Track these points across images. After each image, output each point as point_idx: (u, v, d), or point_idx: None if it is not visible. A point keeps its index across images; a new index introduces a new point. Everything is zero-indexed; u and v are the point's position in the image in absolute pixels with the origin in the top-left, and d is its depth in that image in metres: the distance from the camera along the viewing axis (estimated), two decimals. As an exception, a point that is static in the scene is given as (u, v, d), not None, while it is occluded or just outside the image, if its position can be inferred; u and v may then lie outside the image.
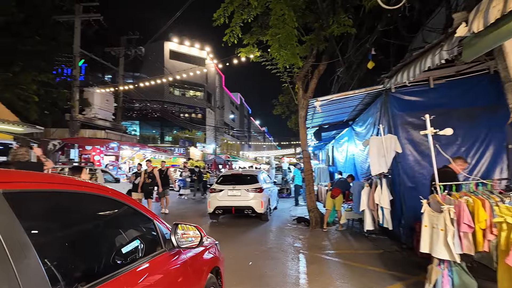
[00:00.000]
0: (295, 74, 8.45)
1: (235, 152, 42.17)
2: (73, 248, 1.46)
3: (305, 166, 8.48)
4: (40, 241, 1.17)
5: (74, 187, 1.51)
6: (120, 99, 19.77)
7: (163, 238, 1.96)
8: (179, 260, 2.02)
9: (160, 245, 1.93)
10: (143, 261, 1.73)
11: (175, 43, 36.67)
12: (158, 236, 1.93)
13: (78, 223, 1.56)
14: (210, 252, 2.66)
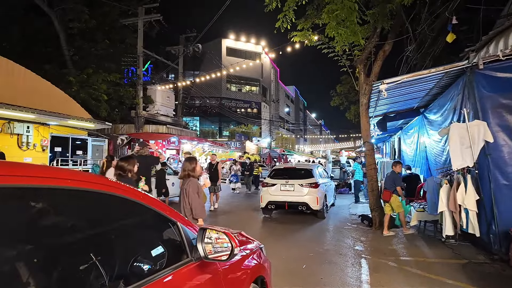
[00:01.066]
0: (355, 57, 7.58)
1: (290, 146, 41.48)
2: (79, 257, 1.16)
3: (367, 159, 7.60)
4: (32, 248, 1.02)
5: (76, 183, 1.21)
6: (180, 96, 20.60)
7: (190, 245, 1.59)
8: (209, 271, 1.64)
9: (186, 253, 1.57)
10: (165, 273, 1.38)
11: (231, 39, 37.30)
12: (183, 243, 1.57)
13: (85, 227, 1.27)
14: (252, 259, 2.25)
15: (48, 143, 12.72)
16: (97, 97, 15.13)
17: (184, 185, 3.90)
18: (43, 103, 11.66)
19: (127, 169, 3.87)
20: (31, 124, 11.78)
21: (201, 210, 3.79)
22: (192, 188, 3.80)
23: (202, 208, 3.82)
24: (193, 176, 3.90)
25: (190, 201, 3.77)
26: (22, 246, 1.01)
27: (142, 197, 1.48)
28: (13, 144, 11.47)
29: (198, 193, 3.81)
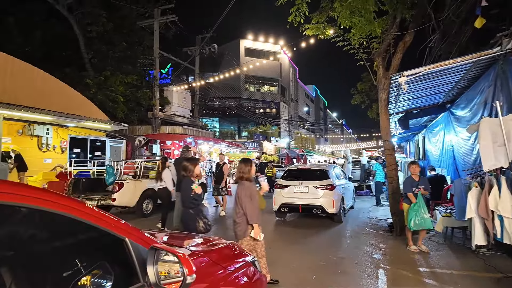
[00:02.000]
0: (373, 49, 7.06)
1: (310, 146, 40.72)
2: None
3: (387, 159, 7.06)
4: None
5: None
6: (196, 97, 20.59)
7: (143, 267, 1.28)
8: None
9: (138, 277, 1.27)
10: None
11: (249, 40, 37.15)
12: (134, 265, 1.27)
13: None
14: (239, 279, 1.91)
15: (67, 144, 12.95)
16: (114, 98, 15.32)
17: (237, 189, 3.81)
18: (62, 105, 11.88)
19: (189, 169, 3.94)
20: (51, 126, 12.05)
21: (255, 215, 3.63)
22: (244, 192, 3.68)
23: (255, 213, 3.64)
24: (247, 179, 3.76)
25: (243, 205, 3.64)
26: None
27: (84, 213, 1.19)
28: (33, 145, 11.77)
29: (251, 196, 3.66)
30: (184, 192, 3.87)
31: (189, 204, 3.81)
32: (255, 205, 3.67)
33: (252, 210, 3.59)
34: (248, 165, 3.86)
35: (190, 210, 3.82)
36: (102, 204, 8.09)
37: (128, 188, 8.25)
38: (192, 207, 3.80)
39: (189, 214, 3.83)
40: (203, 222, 3.83)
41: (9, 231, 1.10)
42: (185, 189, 3.86)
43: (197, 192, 3.78)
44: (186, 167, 3.98)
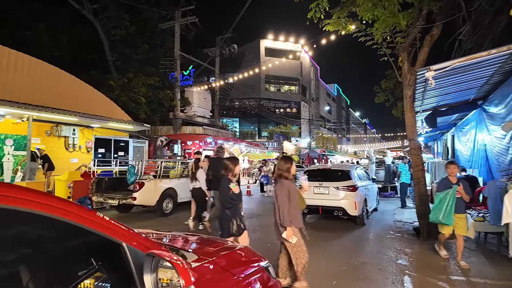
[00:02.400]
0: (398, 44, 6.73)
1: (332, 146, 39.95)
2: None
3: (413, 159, 6.70)
4: None
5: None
6: (216, 97, 20.71)
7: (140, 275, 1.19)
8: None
9: (135, 285, 1.18)
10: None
11: (269, 40, 37.01)
12: (131, 272, 1.18)
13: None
14: (251, 285, 1.79)
15: (92, 144, 13.39)
16: (136, 100, 15.68)
17: (275, 188, 3.66)
18: (87, 106, 12.28)
19: (230, 168, 3.82)
20: (77, 127, 12.47)
21: (289, 218, 3.45)
22: (281, 191, 3.54)
23: (290, 215, 3.46)
24: (286, 177, 3.61)
25: (278, 204, 3.52)
26: None
27: (80, 216, 1.11)
28: (60, 146, 12.24)
29: (290, 196, 3.50)
30: (222, 191, 3.78)
31: (226, 204, 3.70)
32: (294, 206, 3.52)
33: (286, 210, 3.45)
34: (288, 162, 3.69)
35: (227, 211, 3.71)
36: (123, 203, 8.25)
37: (149, 188, 8.35)
38: (230, 207, 3.69)
39: (225, 214, 3.73)
40: (237, 224, 3.69)
41: (2, 234, 1.04)
42: (223, 188, 3.75)
43: (234, 192, 3.67)
44: (227, 166, 3.85)
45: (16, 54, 10.17)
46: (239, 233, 3.69)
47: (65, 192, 9.41)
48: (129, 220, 8.17)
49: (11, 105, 9.12)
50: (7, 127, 10.57)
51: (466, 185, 4.72)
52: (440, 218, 4.65)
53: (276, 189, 3.59)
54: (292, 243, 3.51)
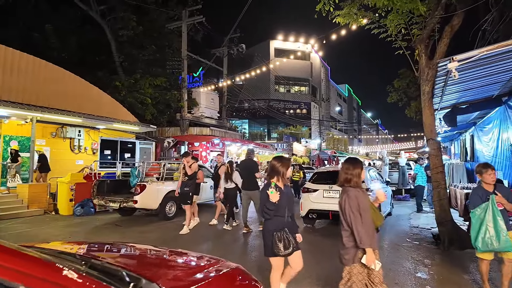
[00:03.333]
0: (414, 36, 6.22)
1: (343, 147, 39.18)
2: None
3: (431, 161, 6.17)
4: None
5: None
6: (224, 98, 20.42)
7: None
8: None
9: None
10: None
11: (279, 40, 36.64)
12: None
13: None
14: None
15: (98, 146, 13.25)
16: (142, 101, 15.51)
17: (341, 199, 2.81)
18: (92, 107, 12.12)
19: (278, 171, 3.10)
20: (82, 128, 12.33)
21: (367, 236, 2.62)
22: (350, 203, 2.69)
23: (368, 232, 2.64)
24: (354, 186, 2.77)
25: (349, 222, 2.69)
26: None
27: None
28: (66, 147, 12.11)
29: (361, 210, 2.67)
30: (261, 197, 3.08)
31: (262, 213, 3.06)
32: (367, 222, 2.68)
33: (362, 228, 2.63)
34: (356, 166, 2.83)
35: (267, 222, 3.07)
36: (124, 206, 7.96)
37: (150, 190, 8.03)
38: (267, 218, 3.03)
39: (264, 227, 3.11)
40: (284, 241, 2.94)
41: None
42: (262, 194, 3.05)
43: (271, 200, 2.90)
44: (274, 167, 3.10)
45: (21, 54, 10.08)
46: (286, 252, 2.96)
47: (68, 195, 9.21)
48: (129, 224, 7.88)
49: (14, 106, 9.00)
50: (12, 128, 10.49)
51: (505, 190, 3.65)
52: (495, 244, 3.33)
53: (343, 201, 2.75)
54: (376, 270, 2.68)
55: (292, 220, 3.16)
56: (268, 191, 2.92)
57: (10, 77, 9.72)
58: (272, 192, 2.90)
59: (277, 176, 3.08)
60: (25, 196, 9.10)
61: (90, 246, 2.13)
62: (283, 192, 3.01)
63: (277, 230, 2.98)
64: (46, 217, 8.78)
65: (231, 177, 7.42)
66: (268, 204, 2.93)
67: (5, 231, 6.83)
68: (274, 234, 2.96)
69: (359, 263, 2.71)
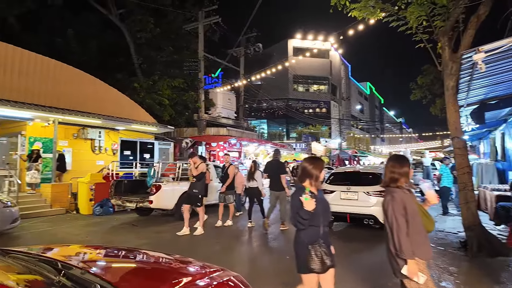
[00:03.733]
0: (437, 29, 5.84)
1: (364, 146, 38.19)
2: None
3: (457, 160, 5.76)
4: None
5: None
6: (241, 98, 20.40)
7: None
8: None
9: None
10: None
11: (297, 39, 36.29)
12: None
13: None
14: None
15: (118, 147, 13.55)
16: (160, 102, 15.73)
17: (384, 201, 2.50)
18: (112, 109, 12.40)
19: (309, 173, 2.63)
20: (103, 130, 12.62)
21: (407, 245, 2.30)
22: (393, 206, 2.38)
23: (416, 241, 2.32)
24: (398, 187, 2.45)
25: (388, 225, 2.41)
26: None
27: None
28: (87, 148, 12.44)
29: (408, 214, 2.35)
30: (293, 203, 2.62)
31: (294, 222, 2.58)
32: (417, 228, 2.35)
33: (403, 235, 2.31)
34: (404, 164, 2.50)
35: (300, 233, 2.60)
36: (140, 206, 8.03)
37: (166, 191, 8.06)
38: (301, 228, 2.56)
39: (297, 238, 2.64)
40: (321, 256, 2.51)
41: None
42: (294, 200, 2.60)
43: (306, 208, 2.44)
44: (306, 170, 2.66)
45: (42, 59, 10.44)
46: (322, 269, 2.52)
47: (88, 195, 9.44)
48: (146, 224, 7.94)
49: (36, 109, 9.33)
50: (36, 130, 10.87)
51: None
52: None
53: (387, 203, 2.44)
54: (420, 283, 2.36)
55: (327, 230, 2.72)
56: (302, 197, 2.48)
57: (33, 81, 10.09)
58: (306, 199, 2.46)
59: (309, 180, 2.63)
60: (48, 195, 9.41)
61: (85, 251, 2.06)
62: (318, 198, 2.56)
63: (313, 242, 2.55)
64: (67, 216, 9.03)
65: (253, 176, 7.60)
66: (302, 213, 2.48)
67: (28, 230, 7.05)
68: (309, 248, 2.53)
69: (400, 274, 2.39)
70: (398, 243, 2.32)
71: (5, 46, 9.62)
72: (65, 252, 1.95)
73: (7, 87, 9.48)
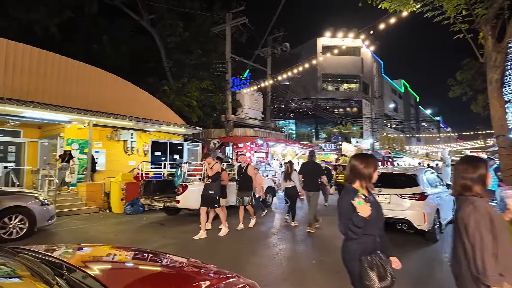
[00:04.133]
0: (478, 17, 5.36)
1: (399, 147, 36.50)
2: None
3: (502, 161, 5.25)
4: None
5: None
6: (268, 98, 20.30)
7: None
8: None
9: None
10: None
11: (327, 37, 35.59)
12: None
13: None
14: None
15: (149, 148, 13.98)
16: (189, 103, 16.04)
17: (461, 212, 2.01)
18: (142, 111, 12.82)
19: (360, 172, 2.28)
20: (134, 131, 13.09)
21: (495, 267, 1.83)
22: (476, 219, 1.91)
23: (504, 262, 1.85)
24: (475, 195, 2.00)
25: (469, 241, 1.92)
26: None
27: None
28: (120, 149, 12.95)
29: (493, 230, 1.88)
30: (342, 208, 2.26)
31: (345, 230, 2.22)
32: (505, 246, 1.88)
33: (488, 256, 1.84)
34: (478, 167, 2.06)
35: (351, 243, 2.22)
36: (168, 205, 8.16)
37: (192, 191, 8.12)
38: (353, 238, 2.17)
39: (347, 249, 2.25)
40: (379, 269, 2.12)
41: None
42: (343, 204, 2.25)
43: (361, 214, 2.09)
44: (356, 169, 2.30)
45: (79, 64, 11.03)
46: (382, 285, 2.10)
47: (119, 194, 9.79)
48: (173, 224, 8.07)
49: (72, 112, 9.85)
50: (73, 132, 11.49)
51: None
52: None
53: (466, 214, 1.95)
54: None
55: (382, 239, 2.33)
56: (355, 201, 2.10)
57: (70, 86, 10.69)
58: (360, 203, 2.09)
59: (360, 181, 2.27)
60: (83, 194, 9.89)
61: (97, 253, 2.03)
62: (371, 201, 2.22)
63: (366, 253, 2.17)
64: (100, 214, 9.42)
65: (290, 176, 7.70)
66: (356, 219, 2.10)
67: (62, 227, 7.42)
68: (363, 259, 2.15)
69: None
70: (481, 265, 1.85)
71: (45, 53, 10.27)
72: (77, 253, 1.93)
73: (47, 91, 10.11)
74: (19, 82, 9.54)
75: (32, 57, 9.87)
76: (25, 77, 9.67)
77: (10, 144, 11.80)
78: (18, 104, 8.92)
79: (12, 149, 11.88)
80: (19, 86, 9.52)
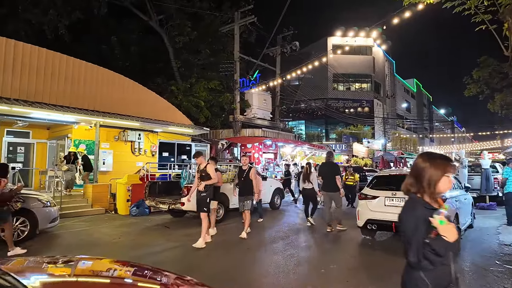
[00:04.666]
0: (502, 6, 4.95)
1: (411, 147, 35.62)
2: None
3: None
4: None
5: None
6: (277, 98, 19.99)
7: None
8: None
9: None
10: None
11: (337, 37, 35.05)
12: None
13: None
14: None
15: (156, 148, 13.86)
16: (197, 103, 15.89)
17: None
18: (150, 112, 12.70)
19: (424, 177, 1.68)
20: (142, 132, 12.98)
21: None
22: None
23: None
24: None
25: None
26: None
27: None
28: (127, 150, 12.86)
29: None
30: (409, 228, 1.65)
31: (417, 258, 1.59)
32: None
33: None
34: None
35: (421, 274, 1.63)
36: (172, 208, 7.96)
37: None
38: (427, 268, 1.60)
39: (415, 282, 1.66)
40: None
41: None
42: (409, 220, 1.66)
43: (445, 237, 1.50)
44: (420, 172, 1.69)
45: (86, 65, 10.97)
46: None
47: (125, 195, 9.65)
48: (177, 226, 7.85)
49: (79, 112, 9.78)
50: (81, 133, 11.44)
51: None
52: None
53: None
54: None
55: (457, 270, 1.84)
56: (435, 219, 1.52)
57: (78, 86, 10.63)
58: (442, 223, 1.50)
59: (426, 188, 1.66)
60: (89, 195, 9.79)
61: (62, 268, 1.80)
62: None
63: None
64: (105, 216, 9.29)
65: (309, 177, 7.74)
66: (437, 245, 1.53)
67: (67, 229, 7.30)
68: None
69: None
70: None
71: (52, 54, 10.23)
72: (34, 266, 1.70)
73: (54, 92, 10.06)
74: (27, 83, 9.52)
75: (39, 58, 9.85)
76: (32, 78, 9.64)
77: (19, 145, 11.86)
78: (25, 104, 8.89)
79: (21, 150, 11.93)
80: (27, 86, 9.50)
